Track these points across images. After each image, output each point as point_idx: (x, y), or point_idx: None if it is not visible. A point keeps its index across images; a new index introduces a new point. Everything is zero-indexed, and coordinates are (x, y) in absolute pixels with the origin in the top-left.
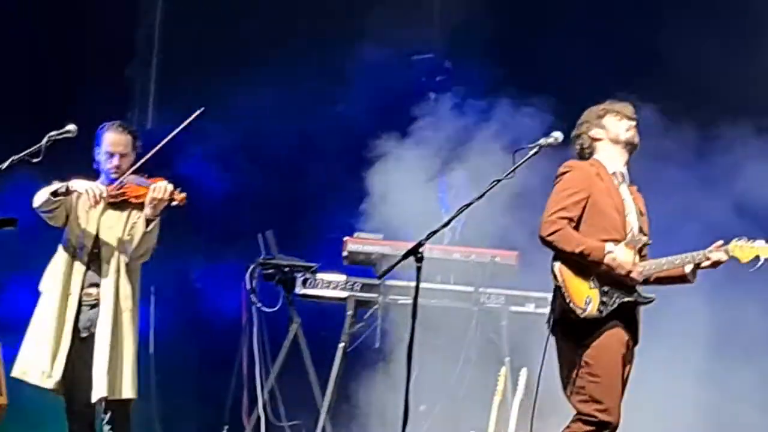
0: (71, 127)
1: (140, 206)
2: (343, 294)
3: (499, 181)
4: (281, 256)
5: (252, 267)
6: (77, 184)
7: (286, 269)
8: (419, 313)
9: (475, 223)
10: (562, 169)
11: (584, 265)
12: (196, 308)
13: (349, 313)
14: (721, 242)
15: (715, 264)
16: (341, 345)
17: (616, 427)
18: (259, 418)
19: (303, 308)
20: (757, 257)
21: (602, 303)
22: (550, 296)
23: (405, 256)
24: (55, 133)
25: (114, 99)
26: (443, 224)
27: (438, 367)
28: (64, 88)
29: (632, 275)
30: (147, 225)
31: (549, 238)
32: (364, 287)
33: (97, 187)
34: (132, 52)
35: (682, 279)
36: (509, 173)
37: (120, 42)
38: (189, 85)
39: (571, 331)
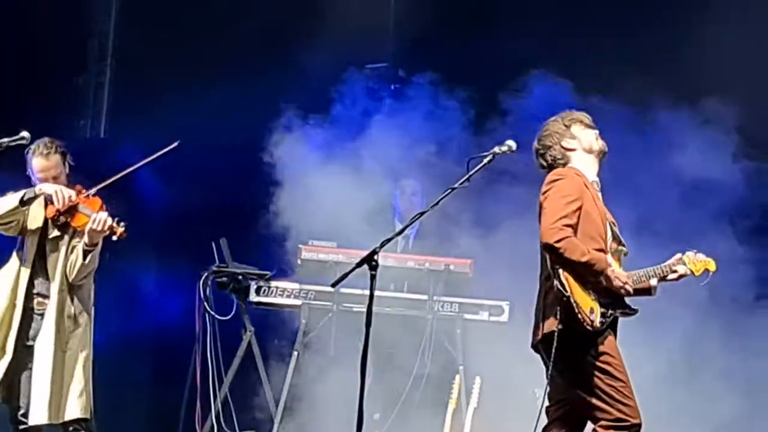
0: (25, 134)
1: (81, 233)
2: (297, 302)
3: (453, 189)
4: (235, 264)
5: (205, 275)
6: (46, 187)
7: (240, 277)
8: (373, 321)
9: (430, 231)
10: (553, 177)
11: (583, 275)
12: (149, 318)
13: (303, 321)
14: (679, 255)
15: (680, 277)
16: (295, 353)
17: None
18: (212, 427)
19: (257, 316)
20: (707, 270)
21: (602, 314)
22: (504, 304)
23: (359, 264)
24: (8, 140)
25: (67, 106)
26: (397, 232)
27: (392, 375)
28: (16, 96)
29: (626, 287)
30: (84, 256)
31: (557, 245)
32: (318, 295)
33: (66, 190)
34: (85, 59)
35: (646, 291)
36: (463, 181)
37: (73, 50)
38: (142, 93)
39: (576, 342)
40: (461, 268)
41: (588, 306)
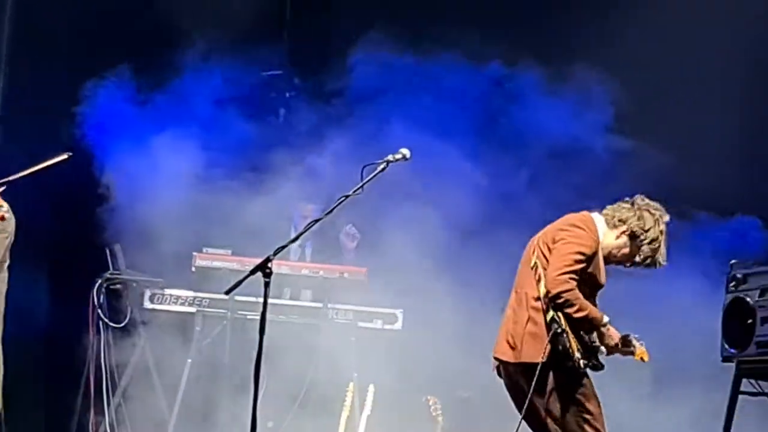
0: None
1: None
2: (191, 309)
3: (347, 196)
4: (128, 271)
5: (99, 282)
6: None
7: (134, 284)
8: (268, 329)
9: (325, 239)
10: (576, 222)
11: (575, 323)
12: (40, 327)
13: (197, 328)
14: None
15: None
16: (189, 361)
17: None
18: None
19: (151, 324)
20: (642, 359)
21: (583, 359)
22: (398, 312)
23: (253, 272)
24: None
25: None
26: (292, 239)
27: (286, 383)
28: None
29: (611, 345)
30: None
31: (561, 297)
32: (213, 302)
33: None
34: None
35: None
36: (357, 189)
37: None
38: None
39: (564, 375)
40: (356, 276)
41: (575, 351)
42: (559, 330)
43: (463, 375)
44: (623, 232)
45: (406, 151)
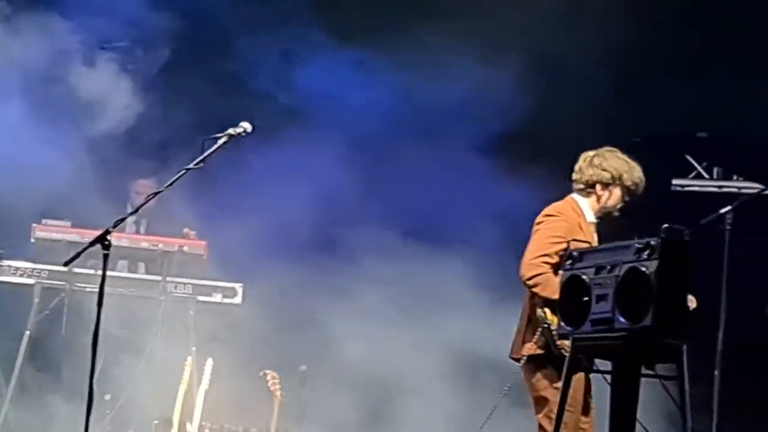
0: None
1: None
2: (30, 281)
3: (188, 169)
4: None
5: None
6: None
7: None
8: (106, 302)
9: (164, 212)
10: (550, 212)
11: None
12: None
13: (36, 300)
14: None
15: None
16: (27, 333)
17: None
18: None
19: None
20: None
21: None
22: (237, 286)
23: (92, 244)
24: None
25: None
26: (131, 212)
27: (124, 356)
28: None
29: None
30: None
31: (530, 281)
32: (51, 274)
33: None
34: None
35: None
36: (198, 162)
37: None
38: None
39: (552, 365)
40: (195, 250)
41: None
42: (545, 325)
43: (302, 349)
44: (598, 189)
45: (247, 125)
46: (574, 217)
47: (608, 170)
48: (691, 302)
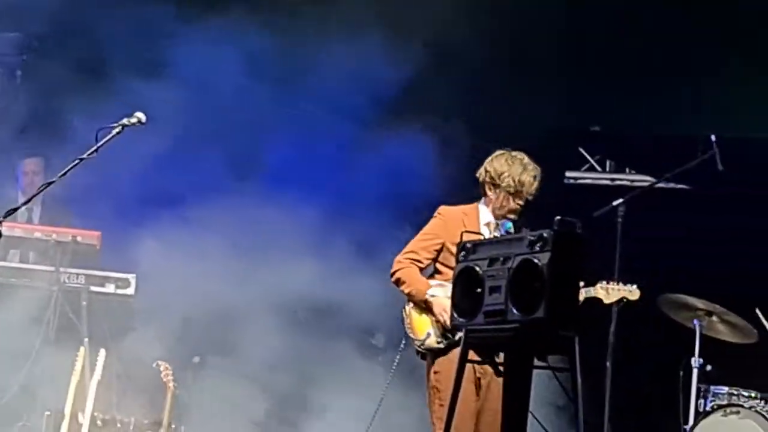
0: None
1: None
2: None
3: (81, 159)
4: None
5: None
6: None
7: None
8: None
9: (56, 203)
10: (436, 212)
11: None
12: None
13: None
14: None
15: None
16: None
17: None
18: None
19: None
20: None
21: (444, 336)
22: (131, 277)
23: None
24: None
25: None
26: (23, 202)
27: (16, 346)
28: None
29: (441, 317)
30: None
31: (392, 277)
32: None
33: None
34: None
35: None
36: (91, 152)
37: None
38: None
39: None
40: (89, 240)
41: (424, 329)
42: (405, 320)
43: (196, 340)
44: (487, 190)
45: (141, 115)
46: (456, 217)
47: (489, 171)
48: (633, 293)
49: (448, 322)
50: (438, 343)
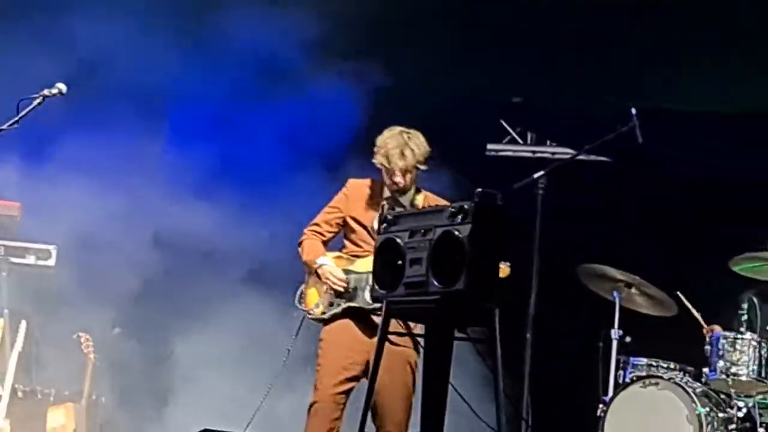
0: None
1: None
2: None
3: (2, 130)
4: None
5: None
6: None
7: None
8: None
9: None
10: (344, 186)
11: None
12: None
13: None
14: None
15: None
16: None
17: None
18: None
19: None
20: None
21: (329, 306)
22: (51, 248)
23: None
24: None
25: None
26: None
27: None
28: None
29: (332, 283)
30: None
31: (299, 248)
32: None
33: None
34: None
35: None
36: (12, 123)
37: None
38: None
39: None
40: (8, 211)
41: (314, 299)
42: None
43: (117, 311)
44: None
45: (62, 86)
46: (360, 192)
47: (382, 146)
48: (503, 271)
49: (336, 284)
50: (323, 313)
